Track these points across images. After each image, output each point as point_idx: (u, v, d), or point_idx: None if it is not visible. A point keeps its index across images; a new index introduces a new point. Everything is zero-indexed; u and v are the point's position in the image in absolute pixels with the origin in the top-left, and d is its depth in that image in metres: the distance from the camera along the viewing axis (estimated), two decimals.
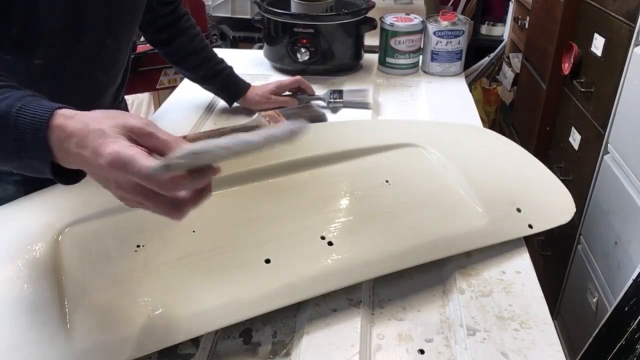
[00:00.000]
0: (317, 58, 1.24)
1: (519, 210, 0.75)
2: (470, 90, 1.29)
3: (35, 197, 0.75)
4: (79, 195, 0.74)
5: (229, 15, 2.54)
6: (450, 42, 1.29)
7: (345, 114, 1.10)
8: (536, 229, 0.73)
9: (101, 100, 0.87)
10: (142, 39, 1.57)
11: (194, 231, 0.68)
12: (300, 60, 1.24)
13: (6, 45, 0.67)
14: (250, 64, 1.36)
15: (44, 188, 0.76)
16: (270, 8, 1.25)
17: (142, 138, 0.49)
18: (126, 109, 1.04)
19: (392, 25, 1.28)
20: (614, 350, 0.89)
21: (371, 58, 1.37)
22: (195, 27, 1.05)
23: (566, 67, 1.43)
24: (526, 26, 1.97)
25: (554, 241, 1.53)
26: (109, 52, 0.81)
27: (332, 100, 1.13)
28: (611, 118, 1.18)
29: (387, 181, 0.78)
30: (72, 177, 0.54)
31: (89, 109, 0.88)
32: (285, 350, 0.58)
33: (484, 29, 2.86)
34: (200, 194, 0.49)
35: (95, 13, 0.73)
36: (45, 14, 0.67)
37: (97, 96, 0.86)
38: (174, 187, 0.46)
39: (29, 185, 0.78)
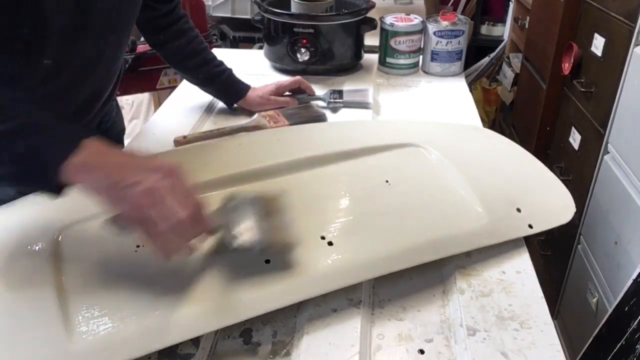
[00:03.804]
0: (317, 58, 1.24)
1: (519, 210, 0.75)
2: (470, 90, 1.29)
3: (35, 197, 0.75)
4: (79, 196, 0.74)
5: (229, 15, 2.54)
6: (450, 42, 1.29)
7: (345, 114, 1.10)
8: (536, 229, 0.73)
9: (98, 99, 0.87)
10: (142, 39, 1.57)
11: None
12: (300, 60, 1.24)
13: (17, 46, 0.67)
14: (250, 64, 1.36)
15: None
16: (270, 8, 1.25)
17: None
18: (117, 109, 1.04)
19: (392, 25, 1.28)
20: (614, 350, 0.89)
21: (371, 58, 1.37)
22: (194, 30, 1.05)
23: (566, 67, 1.43)
24: (526, 26, 1.97)
25: (554, 241, 1.53)
26: (111, 49, 0.82)
27: (332, 100, 1.13)
28: (611, 118, 1.18)
29: (387, 181, 0.78)
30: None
31: (87, 109, 0.88)
32: (285, 350, 0.58)
33: (484, 29, 2.85)
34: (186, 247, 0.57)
35: (102, 9, 0.74)
36: (54, 14, 0.67)
37: (96, 95, 0.86)
38: (197, 210, 0.56)
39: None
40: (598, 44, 1.27)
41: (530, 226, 0.73)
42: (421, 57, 1.35)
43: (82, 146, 0.56)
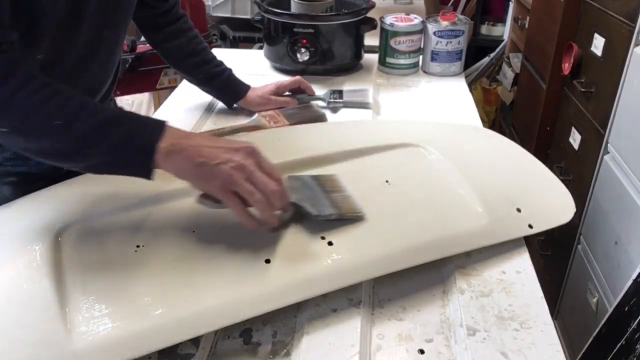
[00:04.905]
0: (317, 58, 1.24)
1: (519, 210, 0.75)
2: (470, 90, 1.29)
3: (35, 197, 0.75)
4: (79, 196, 0.74)
5: (229, 15, 2.54)
6: (450, 42, 1.29)
7: (345, 114, 1.10)
8: (536, 229, 0.73)
9: (94, 97, 0.87)
10: (142, 38, 1.57)
11: (193, 231, 0.68)
12: (300, 60, 1.24)
13: (16, 39, 0.67)
14: (250, 64, 1.36)
15: (42, 189, 0.76)
16: (270, 8, 1.25)
17: None
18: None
19: (392, 25, 1.28)
20: (614, 350, 0.89)
21: (371, 58, 1.37)
22: (193, 30, 1.05)
23: (566, 67, 1.43)
24: (526, 26, 1.97)
25: (554, 241, 1.53)
26: (106, 45, 0.81)
27: (332, 100, 1.13)
28: (611, 118, 1.18)
29: (387, 181, 0.78)
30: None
31: None
32: (285, 350, 0.58)
33: (484, 29, 2.85)
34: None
35: (94, 4, 0.74)
36: (48, 9, 0.67)
37: (92, 93, 0.86)
38: (282, 183, 0.63)
39: (25, 187, 0.78)
40: (598, 44, 1.27)
41: (530, 226, 0.73)
42: (421, 57, 1.35)
43: (168, 130, 0.61)
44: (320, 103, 1.13)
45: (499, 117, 2.44)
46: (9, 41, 0.62)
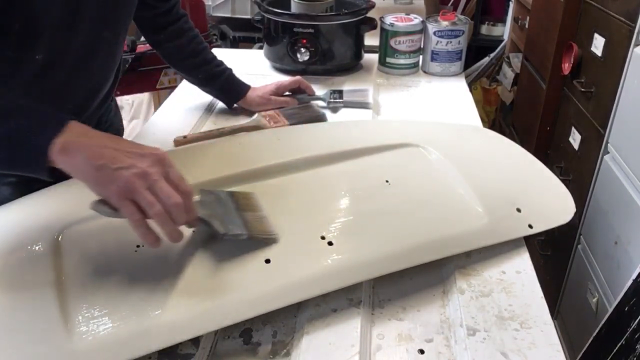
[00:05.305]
0: (317, 58, 1.24)
1: (519, 210, 0.75)
2: (470, 90, 1.29)
3: (35, 197, 0.75)
4: (79, 196, 0.74)
5: (229, 15, 2.54)
6: (450, 42, 1.29)
7: (345, 114, 1.10)
8: (536, 229, 0.73)
9: (95, 98, 0.87)
10: (142, 38, 1.57)
11: (193, 231, 0.68)
12: (300, 60, 1.24)
13: (9, 42, 0.67)
14: (250, 64, 1.36)
15: (42, 189, 0.76)
16: (270, 8, 1.25)
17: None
18: (116, 110, 1.04)
19: (392, 25, 1.28)
20: (614, 350, 0.89)
21: (371, 58, 1.37)
22: (193, 30, 1.05)
23: (566, 67, 1.43)
24: (526, 26, 1.97)
25: (554, 241, 1.53)
26: (105, 45, 0.81)
27: (332, 100, 1.13)
28: (611, 118, 1.18)
29: (387, 181, 0.78)
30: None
31: (83, 107, 0.88)
32: (285, 350, 0.58)
33: (484, 29, 2.85)
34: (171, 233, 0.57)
35: (93, 4, 0.74)
36: (44, 9, 0.67)
37: (92, 93, 0.86)
38: (189, 197, 0.57)
39: (24, 187, 0.78)
40: (598, 44, 1.27)
41: (530, 226, 0.73)
42: (421, 57, 1.35)
43: (69, 127, 0.56)
44: (320, 103, 1.13)
45: (499, 117, 2.44)
46: None
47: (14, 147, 0.56)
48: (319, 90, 1.17)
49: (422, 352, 0.58)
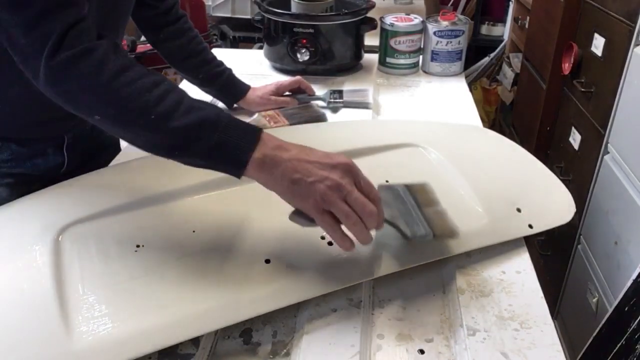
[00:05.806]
0: (317, 58, 1.24)
1: (519, 210, 0.75)
2: (470, 90, 1.29)
3: (35, 197, 0.75)
4: (79, 195, 0.74)
5: (229, 15, 2.54)
6: (450, 42, 1.29)
7: (345, 114, 1.10)
8: (536, 229, 0.73)
9: None
10: (142, 38, 1.57)
11: (193, 231, 0.68)
12: (300, 60, 1.24)
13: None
14: (250, 64, 1.36)
15: (41, 189, 0.76)
16: (270, 8, 1.25)
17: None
18: None
19: (392, 25, 1.28)
20: (614, 350, 0.89)
21: (371, 58, 1.37)
22: (193, 30, 1.05)
23: (566, 67, 1.43)
24: (526, 26, 1.97)
25: (554, 241, 1.53)
26: None
27: (332, 100, 1.13)
28: (611, 118, 1.18)
29: (387, 181, 0.78)
30: None
31: None
32: (285, 350, 0.58)
33: (484, 29, 2.86)
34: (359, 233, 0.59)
35: (93, 4, 0.73)
36: None
37: None
38: (379, 203, 0.59)
39: (23, 188, 0.78)
40: (598, 44, 1.27)
41: (531, 226, 0.73)
42: (421, 57, 1.35)
43: (263, 140, 0.58)
44: (320, 103, 1.13)
45: (499, 117, 2.44)
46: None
47: (214, 158, 0.58)
48: (319, 90, 1.17)
49: (422, 352, 0.58)
